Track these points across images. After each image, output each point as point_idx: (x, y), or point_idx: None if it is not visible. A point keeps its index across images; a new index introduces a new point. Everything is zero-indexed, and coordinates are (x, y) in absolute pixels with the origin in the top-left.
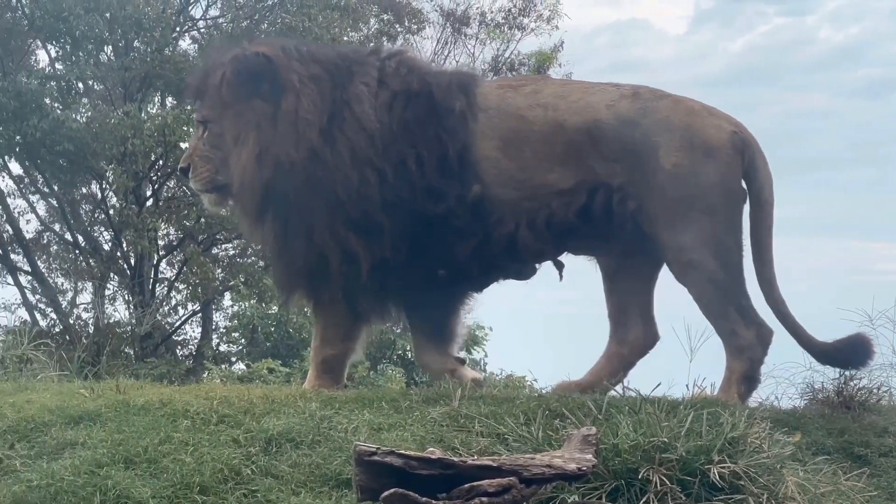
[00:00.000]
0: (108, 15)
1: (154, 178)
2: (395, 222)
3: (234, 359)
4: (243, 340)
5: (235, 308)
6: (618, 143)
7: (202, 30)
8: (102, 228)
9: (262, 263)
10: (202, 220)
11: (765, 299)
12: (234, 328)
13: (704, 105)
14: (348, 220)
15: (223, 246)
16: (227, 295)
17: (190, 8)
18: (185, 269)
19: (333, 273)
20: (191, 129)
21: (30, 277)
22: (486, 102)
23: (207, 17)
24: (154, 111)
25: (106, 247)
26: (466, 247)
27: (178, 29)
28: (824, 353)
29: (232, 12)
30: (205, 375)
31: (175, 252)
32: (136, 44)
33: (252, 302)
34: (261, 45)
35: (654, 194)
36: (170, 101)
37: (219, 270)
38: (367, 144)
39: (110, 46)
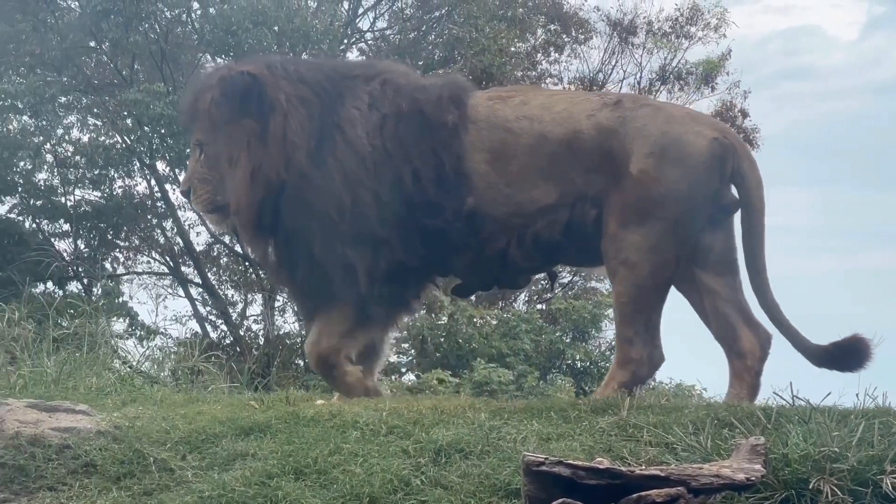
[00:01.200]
0: (276, 28)
1: None
2: (396, 236)
3: (403, 370)
4: (413, 351)
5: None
6: (597, 153)
7: (370, 42)
8: None
9: None
10: None
11: (759, 304)
12: (403, 339)
13: (690, 112)
14: (344, 237)
15: None
16: None
17: (358, 20)
18: None
19: (337, 284)
20: None
21: (200, 289)
22: (476, 114)
23: (375, 29)
24: None
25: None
26: (463, 259)
27: (345, 41)
28: (820, 356)
29: (399, 24)
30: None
31: None
32: (303, 56)
33: (421, 313)
34: (247, 65)
35: (615, 199)
36: None
37: None
38: (359, 167)
39: None
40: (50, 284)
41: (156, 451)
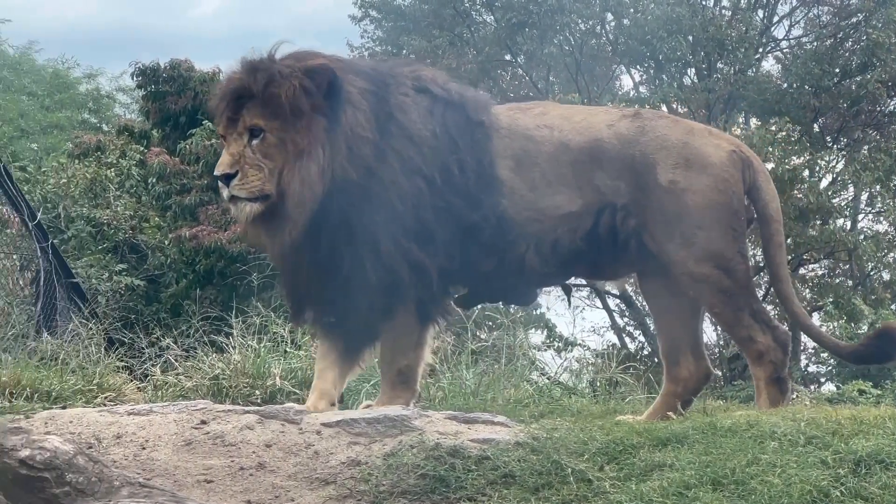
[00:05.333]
0: (690, 37)
1: None
2: (445, 228)
3: (822, 380)
4: (832, 361)
5: (824, 329)
6: (619, 162)
7: (785, 50)
8: None
9: (850, 283)
10: (787, 240)
11: (786, 313)
12: (821, 349)
13: (706, 126)
14: (408, 232)
15: (810, 266)
16: (816, 315)
17: (772, 28)
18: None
19: (405, 285)
20: (769, 148)
21: (618, 301)
22: (499, 122)
23: (790, 37)
24: (738, 132)
25: None
26: (489, 263)
27: (760, 50)
28: (856, 355)
29: (815, 31)
30: (793, 397)
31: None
32: (718, 65)
33: (841, 322)
34: (319, 58)
35: (653, 211)
36: (754, 121)
37: (806, 291)
38: (416, 153)
39: (693, 68)
40: None
41: (573, 462)
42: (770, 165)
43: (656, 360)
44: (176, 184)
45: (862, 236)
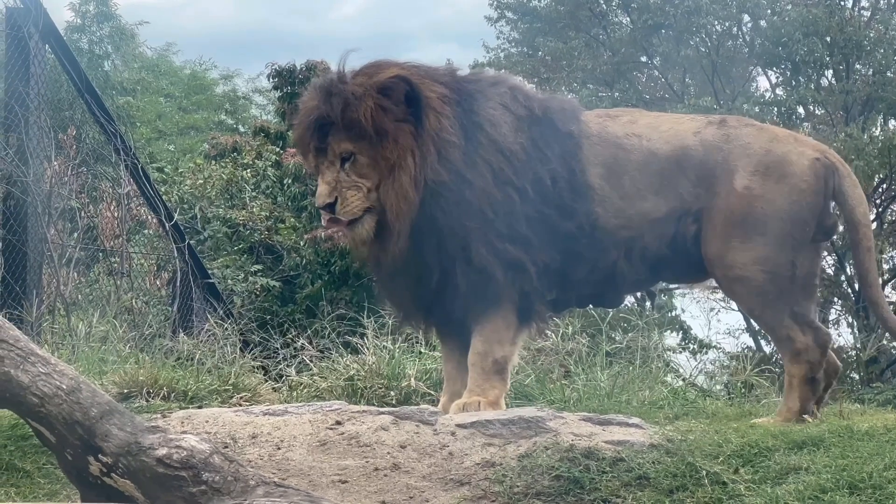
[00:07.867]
0: (827, 38)
1: (878, 200)
2: (538, 236)
3: None
4: None
5: None
6: (702, 169)
7: None
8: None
9: None
10: None
11: (875, 317)
12: None
13: (792, 133)
14: (501, 235)
15: None
16: None
17: None
18: None
19: (502, 284)
20: None
21: None
22: (589, 130)
23: None
24: (877, 133)
25: (829, 271)
26: (581, 271)
27: None
28: None
29: None
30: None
31: None
32: (856, 66)
33: None
34: (392, 68)
35: (716, 214)
36: (893, 123)
37: None
38: (507, 165)
39: (830, 70)
40: None
41: (708, 465)
42: None
43: None
44: (311, 185)
45: None
